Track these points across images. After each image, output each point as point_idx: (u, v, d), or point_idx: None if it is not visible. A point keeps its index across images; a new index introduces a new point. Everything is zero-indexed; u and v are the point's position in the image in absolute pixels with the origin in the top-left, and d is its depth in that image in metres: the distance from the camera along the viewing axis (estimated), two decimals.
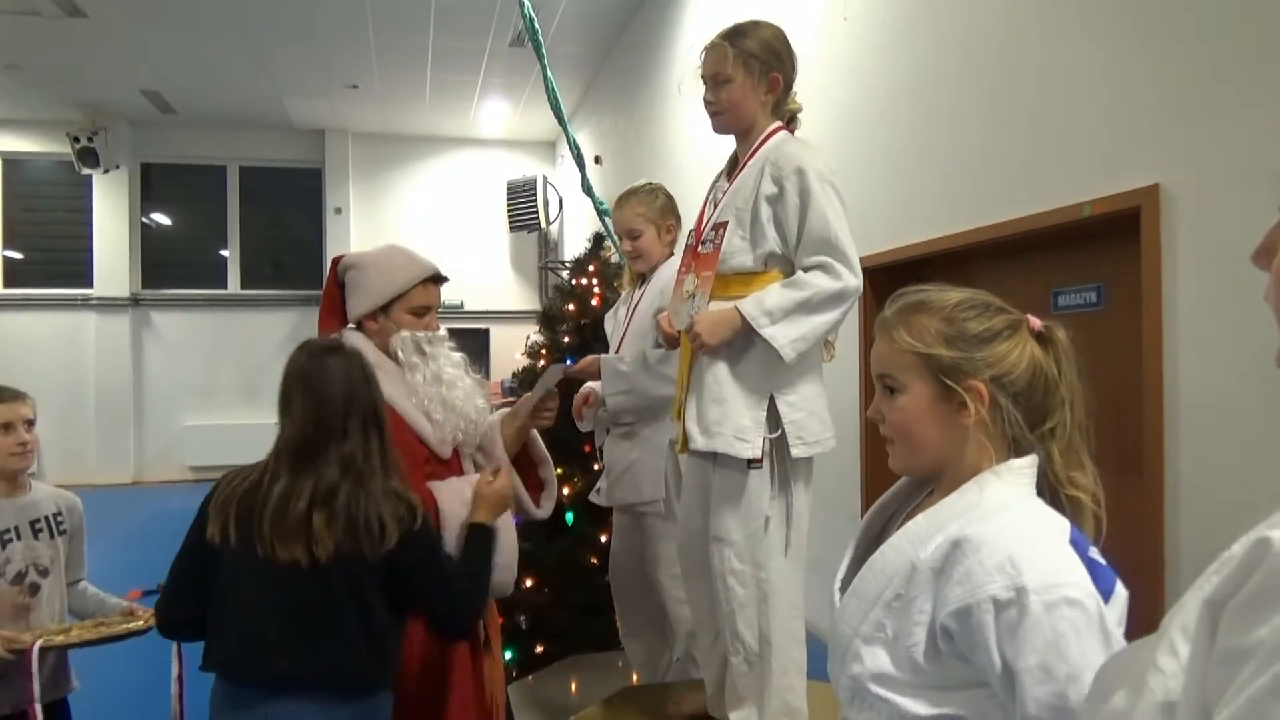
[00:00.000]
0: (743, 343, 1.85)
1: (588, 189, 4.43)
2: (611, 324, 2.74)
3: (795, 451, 1.84)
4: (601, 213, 4.23)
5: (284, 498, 1.68)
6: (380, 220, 10.54)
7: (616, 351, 2.60)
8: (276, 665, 1.66)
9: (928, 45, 3.37)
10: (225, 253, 10.53)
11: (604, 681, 2.61)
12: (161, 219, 10.50)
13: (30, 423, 2.41)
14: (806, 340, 1.81)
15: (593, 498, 2.65)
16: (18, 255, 9.97)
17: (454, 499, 1.96)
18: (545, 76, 4.15)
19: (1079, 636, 0.90)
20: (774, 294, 1.81)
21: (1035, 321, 1.09)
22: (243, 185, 10.57)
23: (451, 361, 2.10)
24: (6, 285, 9.86)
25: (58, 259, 10.03)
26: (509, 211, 10.25)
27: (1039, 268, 2.99)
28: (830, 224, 1.81)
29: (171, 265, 10.36)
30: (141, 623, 2.29)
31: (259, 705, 1.66)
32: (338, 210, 10.41)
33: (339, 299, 2.14)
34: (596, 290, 3.05)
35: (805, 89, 2.06)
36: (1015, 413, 1.05)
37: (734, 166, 2.01)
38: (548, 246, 10.82)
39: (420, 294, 2.08)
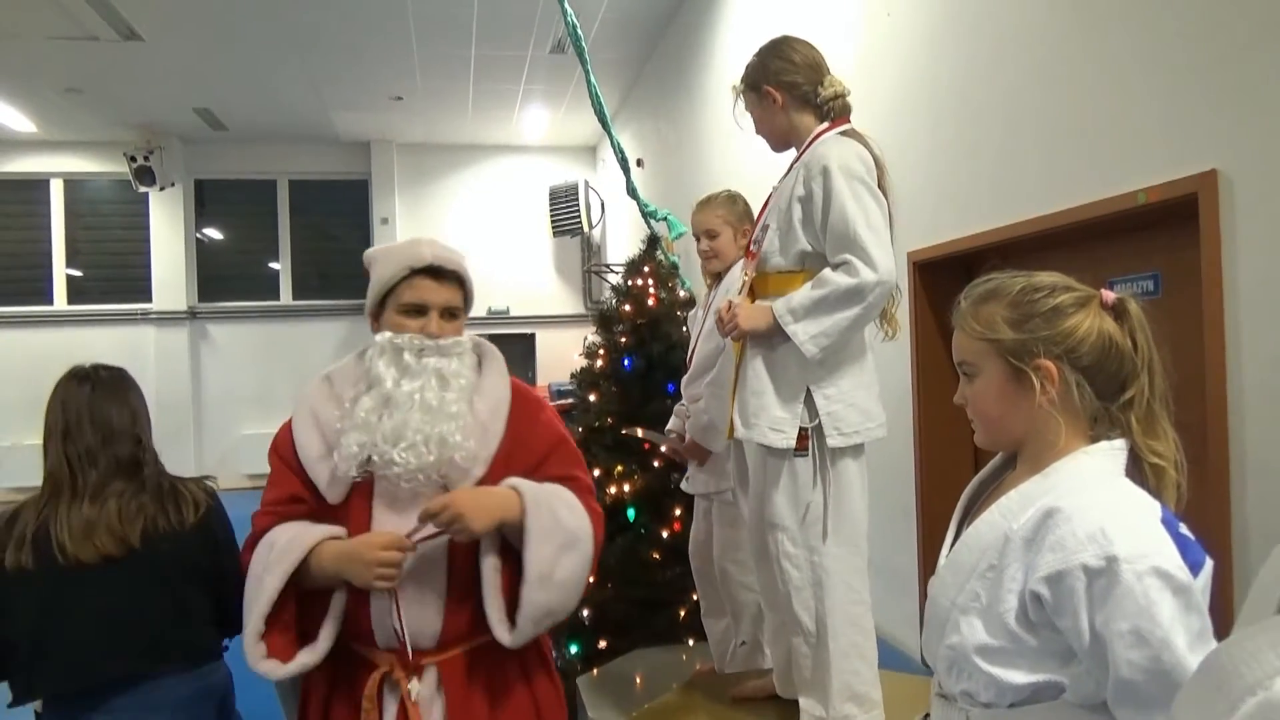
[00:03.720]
0: (781, 339, 1.93)
1: (633, 192, 4.47)
2: (692, 324, 2.95)
3: (831, 441, 1.91)
4: (647, 215, 4.27)
5: (78, 503, 1.76)
6: (426, 229, 10.70)
7: (693, 347, 2.77)
8: (114, 664, 1.66)
9: (973, 36, 3.36)
10: (276, 265, 10.78)
11: (669, 673, 2.66)
12: (215, 234, 10.79)
13: None
14: (828, 335, 1.87)
15: (684, 486, 2.82)
16: (79, 273, 10.31)
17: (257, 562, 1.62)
18: (589, 81, 4.20)
19: (1170, 604, 0.93)
20: (800, 293, 1.90)
21: (1109, 296, 1.12)
22: (292, 198, 10.82)
23: (439, 378, 1.65)
24: (70, 302, 10.20)
25: (118, 275, 10.35)
26: (551, 216, 10.36)
27: (1093, 258, 2.97)
28: (850, 220, 1.85)
29: (226, 278, 10.64)
30: None
31: (97, 716, 1.67)
32: (384, 220, 10.61)
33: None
34: (652, 290, 3.12)
35: (849, 85, 2.10)
36: (1087, 387, 1.08)
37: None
38: (590, 250, 10.90)
39: (407, 290, 1.67)
